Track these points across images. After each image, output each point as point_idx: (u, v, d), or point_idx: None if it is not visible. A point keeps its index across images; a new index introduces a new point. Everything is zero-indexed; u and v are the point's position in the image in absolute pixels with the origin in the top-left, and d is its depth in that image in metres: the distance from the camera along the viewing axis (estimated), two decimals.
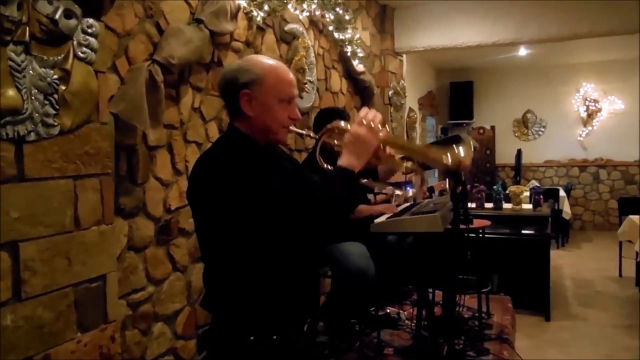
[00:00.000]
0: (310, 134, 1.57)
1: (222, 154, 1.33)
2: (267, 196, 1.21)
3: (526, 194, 4.83)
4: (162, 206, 2.16)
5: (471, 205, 4.55)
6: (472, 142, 2.40)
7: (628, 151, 7.87)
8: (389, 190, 3.85)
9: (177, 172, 2.25)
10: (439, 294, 3.55)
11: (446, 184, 5.62)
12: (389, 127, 1.62)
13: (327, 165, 1.46)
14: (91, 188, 1.59)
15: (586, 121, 8.24)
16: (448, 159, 1.34)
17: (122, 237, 1.94)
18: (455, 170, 1.42)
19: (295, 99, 1.42)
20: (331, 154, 1.44)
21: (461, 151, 1.35)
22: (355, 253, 2.68)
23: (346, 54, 4.05)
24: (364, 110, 1.35)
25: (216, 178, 1.26)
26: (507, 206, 4.58)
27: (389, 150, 1.43)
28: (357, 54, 4.12)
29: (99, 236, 1.62)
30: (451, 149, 1.36)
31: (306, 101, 3.37)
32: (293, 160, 1.62)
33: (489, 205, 4.63)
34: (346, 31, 3.84)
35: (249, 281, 1.28)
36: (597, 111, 8.14)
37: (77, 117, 1.54)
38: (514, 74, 8.49)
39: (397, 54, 5.24)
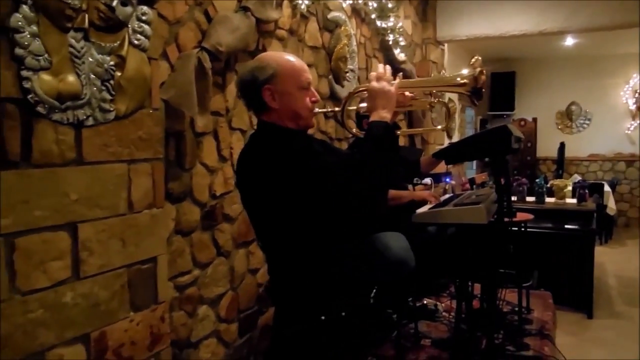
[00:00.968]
0: (334, 109, 1.69)
1: (264, 147, 1.39)
2: (320, 175, 1.27)
3: (569, 188, 4.70)
4: (208, 192, 2.19)
5: (512, 198, 4.45)
6: (517, 132, 2.35)
7: None
8: (427, 181, 3.82)
9: (222, 159, 2.28)
10: (477, 287, 3.51)
11: (487, 176, 5.52)
12: (429, 116, 1.95)
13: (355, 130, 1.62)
14: (144, 172, 1.63)
15: (635, 114, 7.91)
16: (463, 76, 1.48)
17: (170, 221, 1.99)
18: (475, 87, 1.49)
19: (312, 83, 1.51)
20: None
21: (465, 70, 1.50)
22: (395, 243, 2.66)
23: (387, 42, 4.01)
24: (374, 71, 1.47)
25: (266, 171, 1.32)
26: (549, 200, 4.47)
27: (408, 93, 1.56)
28: (399, 42, 4.07)
29: (151, 219, 1.66)
30: (459, 73, 1.51)
31: (347, 90, 3.35)
32: (322, 142, 1.67)
33: (530, 199, 4.52)
34: (388, 19, 3.79)
35: (313, 263, 1.32)
36: None
37: (132, 103, 1.58)
38: (559, 65, 8.21)
39: (438, 43, 5.15)
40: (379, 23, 3.76)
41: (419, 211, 2.63)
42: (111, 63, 1.50)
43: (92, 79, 1.45)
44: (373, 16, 3.72)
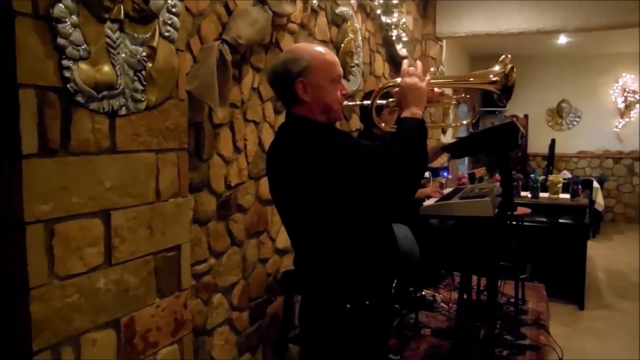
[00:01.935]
0: (364, 102, 1.71)
1: (299, 141, 1.39)
2: (354, 170, 1.28)
3: (560, 184, 4.80)
4: (224, 182, 2.23)
5: None
6: (521, 128, 2.42)
7: None
8: (426, 174, 3.89)
9: (237, 150, 2.31)
10: (474, 279, 3.59)
11: (484, 170, 5.61)
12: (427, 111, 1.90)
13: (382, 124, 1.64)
14: (170, 162, 1.67)
15: (623, 112, 8.08)
16: (495, 73, 1.52)
17: (190, 210, 2.02)
18: (505, 85, 1.54)
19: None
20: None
21: (496, 67, 1.53)
22: (400, 236, 2.72)
23: (391, 38, 4.05)
24: (405, 64, 1.47)
25: (301, 165, 1.34)
26: (543, 195, 4.57)
27: (437, 89, 1.60)
28: (402, 38, 4.11)
29: (176, 208, 1.69)
30: (489, 69, 1.54)
31: (352, 84, 3.39)
32: (346, 134, 1.69)
33: (524, 194, 4.62)
34: (392, 15, 3.83)
35: (342, 254, 1.36)
36: (635, 102, 7.97)
37: (161, 94, 1.61)
38: (551, 63, 8.34)
39: (438, 39, 5.21)
40: (383, 18, 3.80)
41: (425, 204, 2.69)
42: (143, 54, 1.53)
43: (125, 69, 1.47)
44: (378, 11, 3.75)
